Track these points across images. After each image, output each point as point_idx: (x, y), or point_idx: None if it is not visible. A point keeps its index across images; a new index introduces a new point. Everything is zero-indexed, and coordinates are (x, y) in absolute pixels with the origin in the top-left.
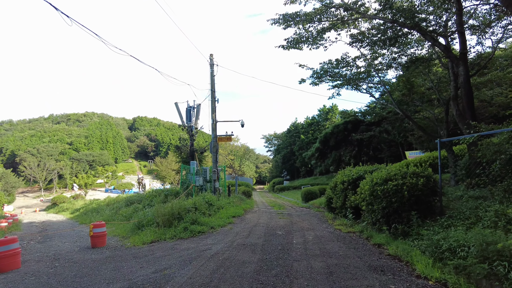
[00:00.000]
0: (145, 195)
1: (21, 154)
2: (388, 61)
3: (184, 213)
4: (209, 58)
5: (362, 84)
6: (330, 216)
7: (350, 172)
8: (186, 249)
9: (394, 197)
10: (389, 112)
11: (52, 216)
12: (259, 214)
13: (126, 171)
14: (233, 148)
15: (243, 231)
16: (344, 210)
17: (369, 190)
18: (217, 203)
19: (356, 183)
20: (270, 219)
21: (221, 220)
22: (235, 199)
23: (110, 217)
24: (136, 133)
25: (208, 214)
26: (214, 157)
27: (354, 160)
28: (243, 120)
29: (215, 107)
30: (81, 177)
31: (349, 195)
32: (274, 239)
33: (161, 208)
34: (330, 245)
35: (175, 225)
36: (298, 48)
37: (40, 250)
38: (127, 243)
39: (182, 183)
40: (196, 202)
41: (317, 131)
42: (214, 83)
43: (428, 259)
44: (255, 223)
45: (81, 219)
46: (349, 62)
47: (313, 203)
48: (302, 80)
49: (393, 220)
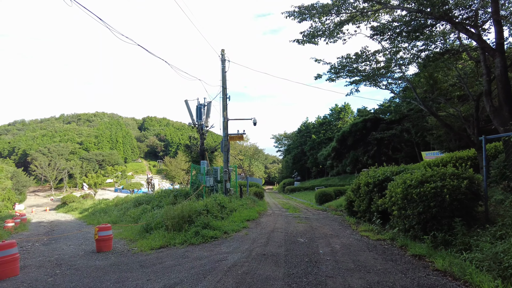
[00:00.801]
0: (154, 195)
1: (32, 154)
2: (411, 56)
3: (195, 216)
4: (221, 54)
5: (381, 80)
6: (352, 220)
7: (375, 173)
8: (198, 258)
9: (433, 201)
10: (411, 109)
11: (61, 215)
12: (274, 217)
13: (135, 171)
14: (242, 148)
15: (260, 237)
16: (368, 214)
17: (401, 193)
18: (230, 205)
19: (382, 185)
20: (287, 223)
21: (235, 224)
22: (247, 200)
23: (118, 218)
24: (145, 133)
25: (220, 217)
26: (225, 156)
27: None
28: (255, 118)
29: (227, 105)
30: (90, 176)
31: (375, 198)
32: (297, 248)
33: (170, 210)
34: (363, 256)
35: (185, 229)
36: (313, 43)
37: (43, 254)
38: (134, 248)
39: (192, 183)
40: (207, 204)
41: (329, 130)
42: (226, 79)
43: (492, 279)
44: (272, 228)
45: (89, 219)
46: (368, 57)
47: (329, 206)
48: (318, 76)
49: (431, 227)
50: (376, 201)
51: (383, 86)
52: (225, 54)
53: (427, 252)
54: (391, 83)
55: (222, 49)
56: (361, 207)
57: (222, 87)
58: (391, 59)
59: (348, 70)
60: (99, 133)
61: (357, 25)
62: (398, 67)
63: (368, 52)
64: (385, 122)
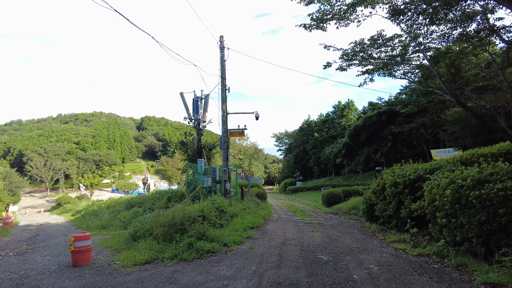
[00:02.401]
0: (147, 197)
1: (28, 154)
2: (439, 35)
3: (189, 223)
4: (219, 41)
5: (397, 69)
6: (374, 227)
7: (403, 171)
8: (190, 284)
9: (502, 208)
10: (430, 102)
11: (54, 217)
12: (282, 224)
13: (133, 171)
14: (242, 148)
15: (270, 253)
16: (395, 220)
17: (451, 196)
18: (230, 209)
19: (414, 185)
20: (299, 232)
21: (237, 233)
22: (250, 203)
23: (108, 221)
24: (143, 132)
25: (219, 224)
26: (225, 154)
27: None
28: (257, 112)
29: (226, 97)
30: (86, 177)
31: (406, 202)
32: (321, 271)
33: (159, 216)
34: (416, 285)
35: (176, 239)
36: (321, 28)
37: (10, 268)
38: (117, 261)
39: (188, 184)
40: (204, 208)
41: (332, 128)
42: (225, 69)
43: None
44: (282, 239)
45: (79, 222)
46: (385, 41)
47: (339, 208)
48: (327, 64)
49: (497, 241)
50: (407, 205)
51: (398, 76)
52: (224, 41)
53: (507, 280)
54: (407, 72)
55: (220, 36)
56: (387, 211)
57: (220, 77)
58: (408, 45)
59: (362, 57)
60: (97, 133)
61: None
62: (416, 54)
63: (384, 36)
64: (402, 115)
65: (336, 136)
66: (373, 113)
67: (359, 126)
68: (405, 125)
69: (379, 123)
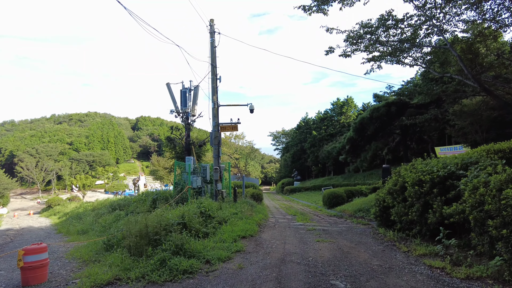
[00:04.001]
0: (132, 199)
1: (19, 155)
2: (446, 21)
3: (165, 233)
4: (209, 24)
5: (407, 55)
6: (391, 235)
7: (427, 166)
8: None
9: None
10: (443, 91)
11: (40, 220)
12: (280, 231)
13: (128, 172)
14: (238, 147)
15: (265, 277)
16: (419, 226)
17: None
18: (219, 213)
19: (445, 183)
20: (302, 242)
21: (224, 245)
22: (243, 206)
23: (90, 225)
24: (138, 132)
25: (203, 233)
26: (216, 150)
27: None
28: (252, 104)
29: (217, 87)
30: (79, 178)
31: (436, 205)
32: None
33: (130, 224)
34: None
35: (148, 253)
36: (322, 12)
37: None
38: (76, 279)
39: (176, 184)
40: (186, 213)
41: (331, 126)
42: (215, 56)
43: None
44: (281, 254)
45: (60, 226)
46: (395, 23)
47: (342, 210)
48: (329, 50)
49: None
50: (437, 209)
51: (408, 62)
52: (214, 25)
53: None
54: (418, 58)
55: (211, 19)
56: (408, 215)
57: (211, 65)
58: (420, 27)
59: (369, 40)
60: (90, 133)
61: None
62: (429, 38)
63: (395, 16)
64: (414, 106)
65: (335, 134)
66: (381, 104)
67: (365, 119)
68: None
69: (388, 115)
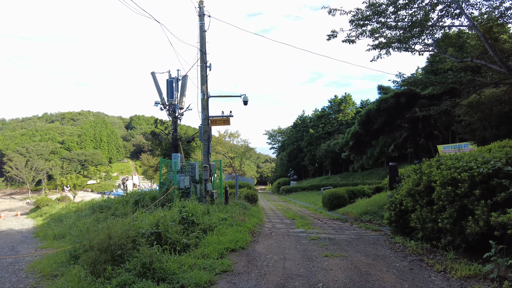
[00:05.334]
0: (115, 200)
1: (9, 154)
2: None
3: (132, 246)
4: (198, 6)
5: (417, 41)
6: (413, 246)
7: (461, 161)
8: None
9: None
10: (458, 82)
11: (25, 222)
12: (278, 241)
13: (121, 171)
14: (233, 146)
15: None
16: (451, 236)
17: None
18: (204, 219)
19: (489, 183)
20: (306, 258)
21: (206, 263)
22: (235, 209)
23: (68, 229)
24: (132, 131)
25: (182, 246)
26: (206, 147)
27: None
28: (246, 95)
29: (207, 76)
30: (69, 177)
31: (478, 211)
32: None
33: (90, 233)
34: None
35: (107, 274)
36: None
37: None
38: None
39: (162, 184)
40: (161, 220)
41: (328, 124)
42: (205, 41)
43: None
44: (280, 277)
45: (39, 230)
46: (407, 1)
47: (345, 213)
48: (332, 34)
49: None
50: (481, 215)
51: (419, 48)
52: (204, 7)
53: None
54: (428, 44)
55: (200, 1)
56: (437, 223)
57: (200, 51)
58: (433, 9)
59: (377, 22)
60: (83, 132)
61: None
62: (443, 21)
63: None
64: (426, 97)
65: (333, 132)
66: (389, 94)
67: (372, 111)
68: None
69: (396, 107)
